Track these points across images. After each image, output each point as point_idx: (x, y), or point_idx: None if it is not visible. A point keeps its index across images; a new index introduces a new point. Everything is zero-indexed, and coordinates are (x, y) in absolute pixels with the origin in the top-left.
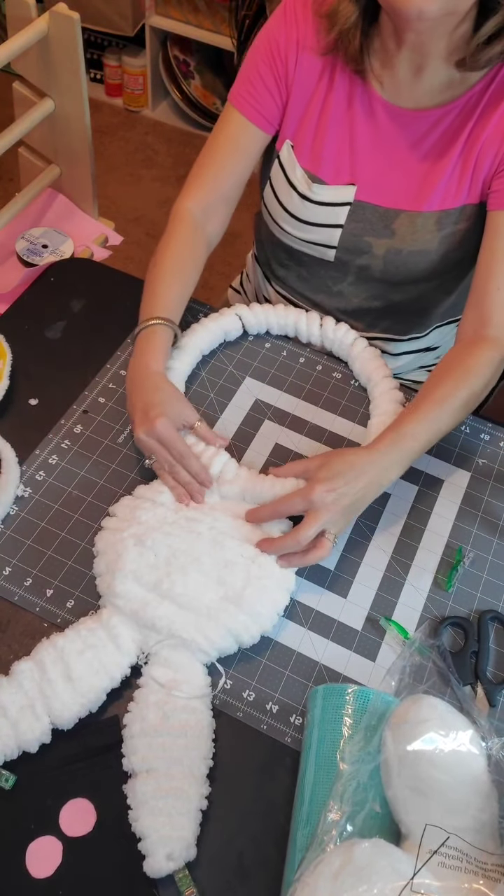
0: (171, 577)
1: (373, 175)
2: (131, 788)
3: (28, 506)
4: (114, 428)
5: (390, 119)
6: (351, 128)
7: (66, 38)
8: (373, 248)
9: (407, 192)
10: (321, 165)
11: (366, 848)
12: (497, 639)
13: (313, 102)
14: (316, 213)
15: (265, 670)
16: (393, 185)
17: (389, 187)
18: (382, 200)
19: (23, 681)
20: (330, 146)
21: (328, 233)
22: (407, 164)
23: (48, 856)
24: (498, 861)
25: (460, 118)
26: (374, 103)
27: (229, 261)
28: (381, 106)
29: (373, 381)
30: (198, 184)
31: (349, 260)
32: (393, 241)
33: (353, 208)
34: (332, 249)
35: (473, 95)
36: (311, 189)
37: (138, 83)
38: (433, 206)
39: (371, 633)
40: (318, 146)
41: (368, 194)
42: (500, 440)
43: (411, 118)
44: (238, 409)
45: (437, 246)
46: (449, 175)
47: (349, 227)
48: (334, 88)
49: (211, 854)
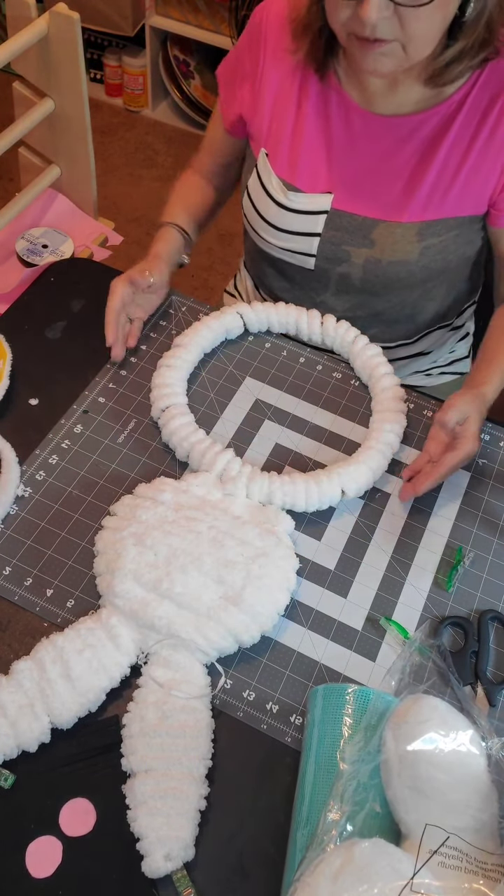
0: (170, 577)
1: (350, 183)
2: (130, 788)
3: (28, 506)
4: (114, 428)
5: (366, 126)
6: (327, 135)
7: (66, 38)
8: (351, 257)
9: (385, 202)
10: (297, 173)
11: (366, 848)
12: (497, 639)
13: (287, 110)
14: (293, 222)
15: (265, 670)
16: (371, 194)
17: (367, 196)
18: (360, 209)
19: (22, 680)
20: (306, 154)
21: (306, 241)
22: (384, 172)
23: (48, 856)
24: (498, 861)
25: (440, 125)
26: (350, 111)
27: (229, 261)
28: (356, 113)
29: (374, 378)
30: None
31: (328, 268)
32: (372, 251)
33: (331, 216)
34: (311, 258)
35: (453, 103)
36: (288, 197)
37: (138, 83)
38: (413, 217)
39: (371, 633)
40: (293, 154)
41: (346, 203)
42: (500, 440)
43: (388, 125)
44: (238, 408)
45: (418, 257)
46: (432, 185)
47: (327, 235)
48: (309, 95)
49: (211, 854)
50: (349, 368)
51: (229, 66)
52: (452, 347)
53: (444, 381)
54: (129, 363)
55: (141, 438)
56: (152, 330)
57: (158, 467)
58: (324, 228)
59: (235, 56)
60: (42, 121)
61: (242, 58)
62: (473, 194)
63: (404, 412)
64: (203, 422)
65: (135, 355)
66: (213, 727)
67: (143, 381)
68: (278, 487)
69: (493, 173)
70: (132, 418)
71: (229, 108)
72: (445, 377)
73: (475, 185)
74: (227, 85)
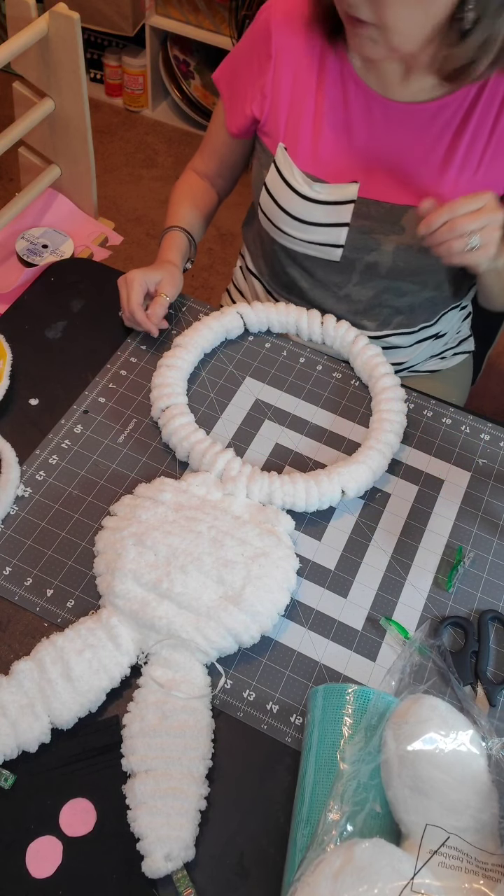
0: (170, 577)
1: (375, 171)
2: (130, 788)
3: (28, 506)
4: (114, 428)
5: (385, 113)
6: (347, 125)
7: (66, 38)
8: (381, 245)
9: (413, 187)
10: (320, 165)
11: (366, 848)
12: (497, 639)
13: (305, 102)
14: (319, 213)
15: (265, 670)
16: (397, 181)
17: (394, 183)
18: (388, 196)
19: (23, 680)
20: (327, 145)
21: (334, 232)
22: (410, 158)
23: (48, 856)
24: (498, 861)
25: (462, 111)
26: (369, 99)
27: (229, 261)
28: (375, 101)
29: (374, 378)
30: (201, 156)
31: (356, 258)
32: (402, 237)
33: (358, 205)
34: (338, 249)
35: (470, 91)
36: (313, 188)
37: (138, 83)
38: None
39: (371, 633)
40: (315, 146)
41: (372, 191)
42: (500, 440)
43: (408, 112)
44: (238, 409)
45: None
46: (459, 169)
47: (356, 224)
48: (326, 87)
49: (211, 854)
50: (349, 368)
51: (230, 70)
52: (458, 327)
53: (456, 361)
54: (129, 363)
55: (141, 438)
56: None
57: (158, 467)
58: (352, 218)
59: (237, 59)
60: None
61: (248, 59)
62: (496, 176)
63: (404, 412)
64: (203, 422)
65: (135, 355)
66: (213, 727)
67: (143, 381)
68: (278, 487)
69: None
70: (132, 418)
71: (237, 111)
72: (458, 357)
73: (499, 167)
74: (231, 88)
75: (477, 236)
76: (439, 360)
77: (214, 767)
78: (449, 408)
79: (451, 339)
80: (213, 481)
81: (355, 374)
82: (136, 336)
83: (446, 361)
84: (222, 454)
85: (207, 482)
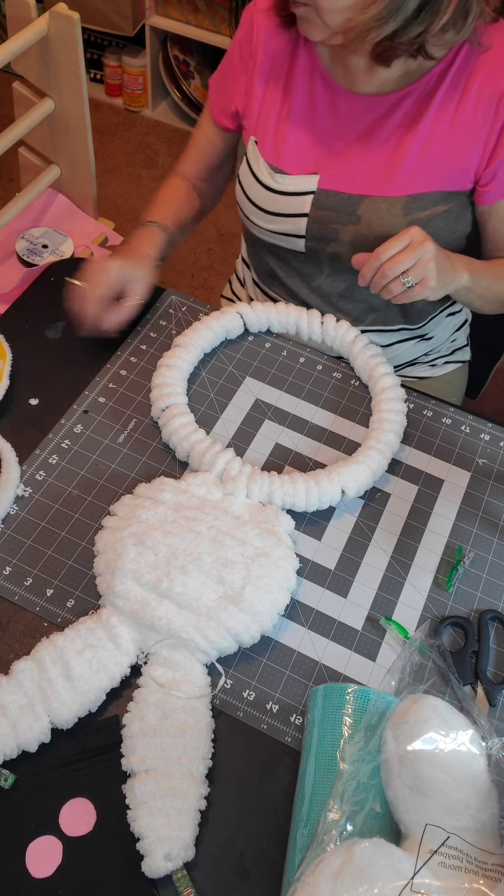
0: (170, 577)
1: (335, 162)
2: (130, 788)
3: (28, 506)
4: (114, 428)
5: (350, 106)
6: (313, 119)
7: (66, 38)
8: (339, 235)
9: (371, 178)
10: (283, 157)
11: (366, 848)
12: (497, 639)
13: (274, 97)
14: (281, 203)
15: (265, 670)
16: (356, 171)
17: (353, 173)
18: (346, 187)
19: (22, 680)
20: (292, 138)
21: (295, 222)
22: (368, 148)
23: (48, 855)
24: (498, 861)
25: (421, 100)
26: (335, 94)
27: (229, 261)
28: (340, 95)
29: (374, 378)
30: (186, 158)
31: (319, 249)
32: (358, 227)
33: (317, 196)
34: (300, 239)
35: (433, 77)
36: (275, 179)
37: (138, 83)
38: (399, 191)
39: (371, 633)
40: (279, 139)
41: (332, 182)
42: (500, 440)
43: (370, 103)
44: (238, 408)
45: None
46: (417, 158)
47: (314, 215)
48: (295, 81)
49: (211, 854)
50: (349, 368)
51: (223, 67)
52: (452, 335)
53: (448, 370)
54: (129, 363)
55: (141, 438)
56: (152, 330)
57: (158, 467)
58: (311, 208)
59: (229, 56)
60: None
61: (236, 55)
62: (459, 168)
63: (404, 412)
64: (203, 422)
65: (135, 355)
66: (213, 727)
67: (143, 381)
68: (278, 487)
69: (477, 147)
70: (132, 418)
71: (224, 104)
72: (449, 366)
73: (460, 159)
74: (220, 83)
75: (409, 276)
76: (429, 367)
77: (214, 767)
78: (449, 408)
79: (442, 347)
80: (213, 481)
81: (355, 374)
82: (136, 336)
83: (437, 369)
84: (222, 454)
85: (207, 482)
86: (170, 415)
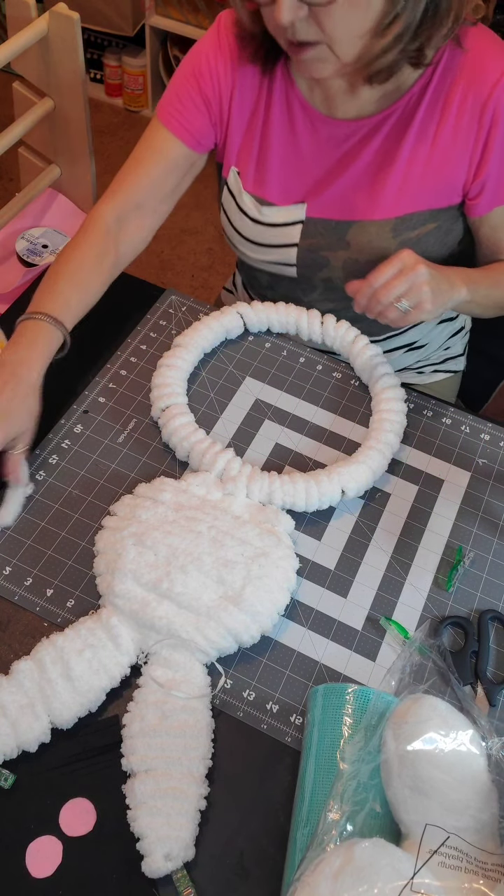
0: (170, 577)
1: (321, 190)
2: (130, 788)
3: (28, 505)
4: (114, 428)
5: (331, 132)
6: (295, 147)
7: (66, 38)
8: (331, 262)
9: (358, 202)
10: (267, 188)
11: (366, 847)
12: (497, 639)
13: (254, 126)
14: (269, 235)
15: (265, 670)
16: (343, 197)
17: (339, 199)
18: (334, 213)
19: (23, 680)
20: (275, 168)
21: (285, 252)
22: (353, 173)
23: (48, 855)
24: (498, 861)
25: (402, 121)
26: (314, 120)
27: (229, 261)
28: (320, 122)
29: (374, 378)
30: (115, 190)
31: (311, 275)
32: (349, 252)
33: (306, 225)
34: (292, 267)
35: (412, 97)
36: (261, 212)
37: (138, 83)
38: (387, 214)
39: (371, 633)
40: (262, 169)
41: (319, 209)
42: (500, 440)
43: (351, 127)
44: (238, 408)
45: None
46: (402, 178)
47: (304, 244)
48: (273, 111)
49: (211, 854)
50: (349, 368)
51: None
52: (447, 344)
53: (436, 379)
54: (129, 363)
55: (141, 438)
56: (152, 330)
57: (158, 467)
58: (300, 238)
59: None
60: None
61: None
62: (446, 184)
63: (404, 412)
64: (203, 422)
65: (135, 355)
66: (213, 727)
67: (143, 381)
68: (278, 487)
69: (462, 162)
70: (132, 418)
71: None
72: (438, 375)
73: (447, 175)
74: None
75: (404, 300)
76: (415, 374)
77: (214, 767)
78: (449, 408)
79: (434, 355)
80: (213, 481)
81: (355, 374)
82: (136, 336)
83: (424, 377)
84: (222, 454)
85: (207, 482)
86: (170, 415)
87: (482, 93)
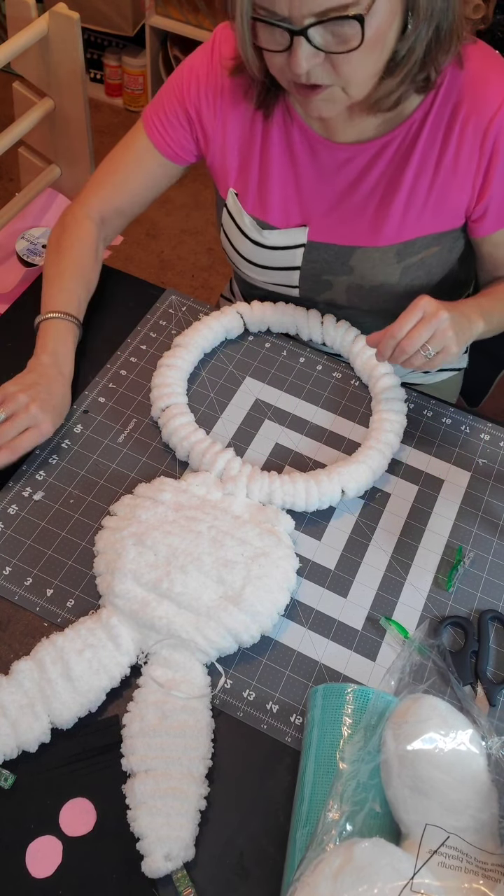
0: (170, 577)
1: (323, 214)
2: (130, 788)
3: (28, 506)
4: (114, 428)
5: (331, 155)
6: (295, 169)
7: (66, 38)
8: (334, 285)
9: (360, 228)
10: (268, 210)
11: (366, 847)
12: (497, 639)
13: (252, 148)
14: (270, 258)
15: (265, 670)
16: (344, 222)
17: (342, 225)
18: (336, 238)
19: (23, 680)
20: (275, 190)
21: (287, 275)
22: (355, 198)
23: (48, 855)
24: (498, 861)
25: (403, 149)
26: (314, 143)
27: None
28: (320, 144)
29: (374, 378)
30: (97, 191)
31: (314, 296)
32: (352, 277)
33: (308, 249)
34: (294, 289)
35: (414, 122)
36: (262, 235)
37: (138, 83)
38: (390, 240)
39: (371, 633)
40: (263, 191)
41: (322, 234)
42: (500, 440)
43: (351, 152)
44: (238, 408)
45: (399, 278)
46: (405, 204)
47: (307, 267)
48: (270, 132)
49: (211, 854)
50: (349, 368)
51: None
52: None
53: (441, 378)
54: (129, 363)
55: (141, 438)
56: (152, 330)
57: (158, 467)
58: (303, 261)
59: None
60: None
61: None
62: (449, 209)
63: (404, 412)
64: (203, 422)
65: (135, 355)
66: (213, 727)
67: (143, 381)
68: (278, 487)
69: (465, 185)
70: (132, 418)
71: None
72: (443, 374)
73: (450, 199)
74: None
75: (430, 347)
76: (421, 374)
77: (214, 767)
78: (449, 408)
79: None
80: (213, 481)
81: (355, 374)
82: (136, 336)
83: (429, 376)
84: (222, 454)
85: (207, 482)
86: (170, 415)
87: (482, 121)
